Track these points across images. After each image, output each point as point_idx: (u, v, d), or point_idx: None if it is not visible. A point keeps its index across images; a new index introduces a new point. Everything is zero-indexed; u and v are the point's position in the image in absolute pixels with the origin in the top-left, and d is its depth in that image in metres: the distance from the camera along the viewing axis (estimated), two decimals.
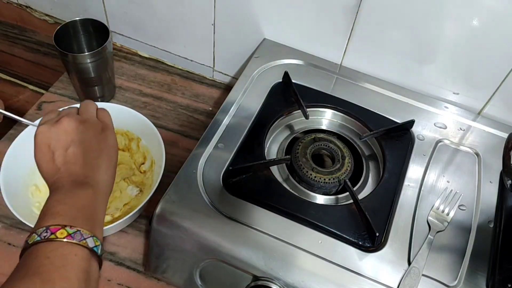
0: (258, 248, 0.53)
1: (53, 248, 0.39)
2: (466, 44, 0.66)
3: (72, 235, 0.40)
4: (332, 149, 0.64)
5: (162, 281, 0.63)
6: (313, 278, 0.51)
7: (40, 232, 0.40)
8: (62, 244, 0.39)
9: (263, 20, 0.76)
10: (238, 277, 0.54)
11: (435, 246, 0.55)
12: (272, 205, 0.56)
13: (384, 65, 0.74)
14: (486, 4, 0.60)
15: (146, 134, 0.71)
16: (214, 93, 0.89)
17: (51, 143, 0.48)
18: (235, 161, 0.60)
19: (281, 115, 0.68)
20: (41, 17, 0.97)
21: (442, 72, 0.71)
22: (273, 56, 0.75)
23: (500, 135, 0.68)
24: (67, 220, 0.41)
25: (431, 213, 0.58)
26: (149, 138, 0.71)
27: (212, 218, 0.55)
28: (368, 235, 0.55)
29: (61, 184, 0.45)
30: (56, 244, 0.39)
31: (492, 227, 0.58)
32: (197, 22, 0.82)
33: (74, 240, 0.40)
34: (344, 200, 0.61)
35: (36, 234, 0.40)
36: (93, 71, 0.75)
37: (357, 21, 0.69)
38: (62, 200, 0.44)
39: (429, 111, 0.70)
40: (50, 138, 0.49)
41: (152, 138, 0.69)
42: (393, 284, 0.51)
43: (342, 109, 0.69)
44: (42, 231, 0.40)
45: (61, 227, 0.40)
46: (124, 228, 0.67)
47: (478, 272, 0.53)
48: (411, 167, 0.63)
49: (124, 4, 0.85)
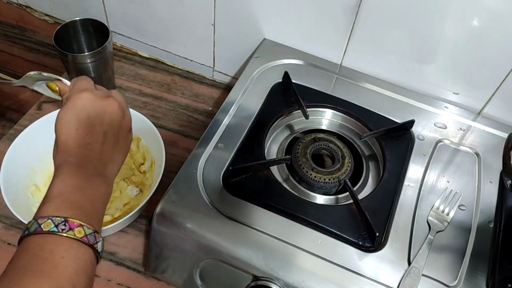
0: (258, 248, 0.53)
1: (68, 247, 0.38)
2: (466, 44, 0.66)
3: (88, 236, 0.39)
4: (332, 149, 0.64)
5: (162, 281, 0.63)
6: (313, 278, 0.51)
7: (57, 223, 0.38)
8: (78, 244, 0.39)
9: (263, 20, 0.76)
10: (238, 277, 0.54)
11: (435, 246, 0.55)
12: (272, 205, 0.56)
13: (384, 65, 0.74)
14: (486, 4, 0.60)
15: (146, 134, 0.71)
16: (214, 93, 0.89)
17: (92, 116, 0.44)
18: (235, 161, 0.60)
19: (281, 115, 0.68)
20: (41, 17, 0.97)
21: (442, 72, 0.71)
22: (273, 56, 0.75)
23: (500, 135, 0.68)
24: (85, 216, 0.40)
25: (431, 213, 0.58)
26: (149, 138, 0.71)
27: (212, 218, 0.55)
28: (368, 235, 0.55)
29: (84, 165, 0.43)
30: (72, 242, 0.38)
31: (492, 227, 0.58)
32: (197, 22, 0.82)
33: (90, 242, 0.39)
34: (344, 200, 0.61)
35: (53, 223, 0.38)
36: (93, 71, 0.75)
37: (357, 21, 0.69)
38: (82, 188, 0.42)
39: (429, 111, 0.70)
40: (95, 110, 0.45)
41: (152, 138, 0.69)
42: (393, 284, 0.51)
43: (342, 109, 0.69)
44: (60, 222, 0.38)
45: (80, 226, 0.39)
46: (124, 228, 0.67)
47: (478, 272, 0.53)
48: (411, 167, 0.63)
49: (124, 4, 0.85)
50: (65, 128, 0.44)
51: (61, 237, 0.38)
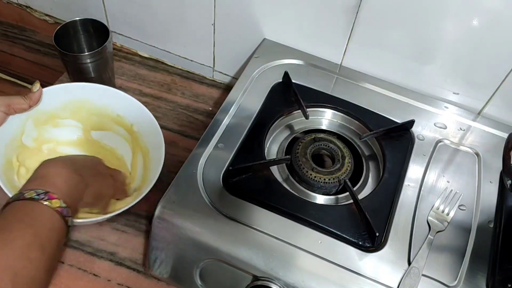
0: (258, 248, 0.53)
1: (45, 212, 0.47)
2: (466, 44, 0.66)
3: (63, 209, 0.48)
4: (332, 149, 0.64)
5: (162, 281, 0.63)
6: (313, 278, 0.51)
7: (39, 193, 0.47)
8: (53, 213, 0.47)
9: (263, 20, 0.76)
10: (238, 277, 0.54)
11: (435, 246, 0.55)
12: (272, 205, 0.56)
13: (384, 65, 0.74)
14: (486, 4, 0.60)
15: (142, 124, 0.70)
16: (214, 93, 0.89)
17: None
18: (235, 161, 0.60)
19: (281, 115, 0.68)
20: (41, 17, 0.97)
21: (442, 72, 0.71)
22: (273, 56, 0.75)
23: (500, 135, 0.68)
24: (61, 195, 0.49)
25: (431, 213, 0.58)
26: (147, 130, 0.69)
27: (212, 218, 0.55)
28: (368, 235, 0.55)
29: (68, 166, 0.53)
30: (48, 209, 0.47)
31: (492, 227, 0.58)
32: (197, 22, 0.82)
33: (63, 213, 0.48)
34: (344, 200, 0.61)
35: (35, 193, 0.47)
36: (93, 71, 0.75)
37: (357, 21, 0.69)
38: (61, 174, 0.51)
39: (429, 111, 0.70)
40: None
41: (150, 131, 0.68)
42: (393, 284, 0.51)
43: (342, 109, 0.69)
44: (41, 192, 0.47)
45: (57, 199, 0.48)
46: (124, 228, 0.67)
47: (478, 272, 0.53)
48: (411, 167, 0.63)
49: (124, 4, 0.85)
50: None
51: (40, 204, 0.47)
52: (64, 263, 0.63)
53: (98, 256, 0.64)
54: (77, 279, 0.62)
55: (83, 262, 0.63)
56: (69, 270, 0.63)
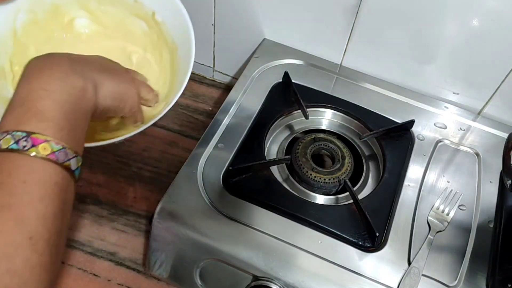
0: (258, 248, 0.53)
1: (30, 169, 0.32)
2: (466, 44, 0.66)
3: (57, 153, 0.32)
4: (332, 149, 0.64)
5: (162, 281, 0.63)
6: (313, 278, 0.51)
7: (18, 138, 0.31)
8: (44, 164, 0.32)
9: (263, 20, 0.76)
10: (238, 277, 0.54)
11: (435, 246, 0.55)
12: (272, 205, 0.56)
13: (384, 65, 0.74)
14: (486, 4, 0.60)
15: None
16: (214, 93, 0.89)
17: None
18: (235, 161, 0.60)
19: (281, 115, 0.68)
20: None
21: (442, 72, 0.71)
22: (273, 56, 0.75)
23: (500, 135, 0.68)
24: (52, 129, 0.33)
25: (431, 213, 0.58)
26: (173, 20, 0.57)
27: (212, 218, 0.55)
28: (368, 235, 0.55)
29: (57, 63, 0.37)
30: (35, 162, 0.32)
31: (492, 227, 0.58)
32: (197, 22, 0.81)
33: (58, 160, 0.33)
34: (344, 200, 0.61)
35: (13, 139, 0.31)
36: None
37: (357, 21, 0.69)
38: (50, 88, 0.34)
39: (429, 111, 0.70)
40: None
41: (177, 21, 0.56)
42: (393, 284, 0.51)
43: (342, 109, 0.69)
44: (21, 137, 0.31)
45: (46, 141, 0.32)
46: (124, 228, 0.67)
47: (478, 272, 0.53)
48: (411, 167, 0.63)
49: None
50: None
51: (22, 156, 0.31)
52: (64, 263, 0.63)
53: (98, 256, 0.64)
54: (77, 279, 0.62)
55: (83, 262, 0.63)
56: (69, 270, 0.63)
